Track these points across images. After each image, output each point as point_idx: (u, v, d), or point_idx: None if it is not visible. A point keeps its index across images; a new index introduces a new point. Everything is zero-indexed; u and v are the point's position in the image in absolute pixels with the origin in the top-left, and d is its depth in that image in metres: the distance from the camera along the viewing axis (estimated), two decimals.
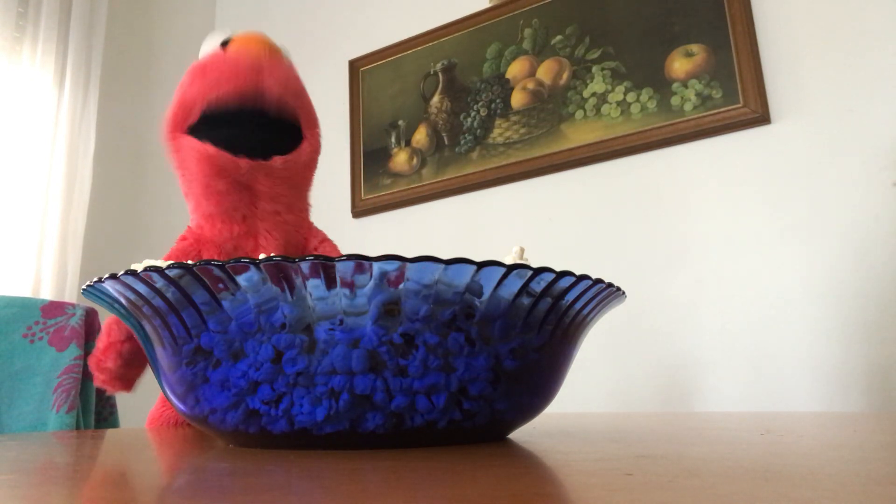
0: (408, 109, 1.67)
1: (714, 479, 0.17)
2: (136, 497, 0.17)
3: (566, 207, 1.40)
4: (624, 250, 1.32)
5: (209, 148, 0.56)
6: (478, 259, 0.26)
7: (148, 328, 0.29)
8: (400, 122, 1.67)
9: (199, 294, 0.26)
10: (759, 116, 1.20)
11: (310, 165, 0.64)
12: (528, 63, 1.50)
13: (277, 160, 0.58)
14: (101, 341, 0.52)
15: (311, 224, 0.66)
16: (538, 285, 0.27)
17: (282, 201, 0.61)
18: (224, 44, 0.60)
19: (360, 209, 1.68)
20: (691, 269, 1.24)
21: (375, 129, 1.71)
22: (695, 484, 0.16)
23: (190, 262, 0.26)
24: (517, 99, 1.49)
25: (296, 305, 0.26)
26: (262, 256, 0.25)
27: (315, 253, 0.60)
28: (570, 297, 0.29)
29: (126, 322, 0.31)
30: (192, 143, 0.57)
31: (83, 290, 0.31)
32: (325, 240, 0.65)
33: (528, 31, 1.52)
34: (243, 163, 0.56)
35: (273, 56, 0.59)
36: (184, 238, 0.58)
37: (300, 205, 0.64)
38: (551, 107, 1.44)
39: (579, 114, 1.40)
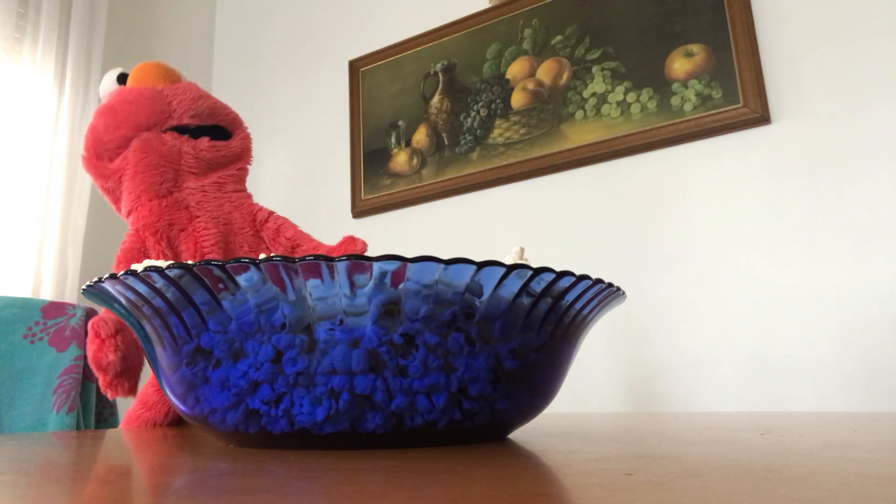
0: (408, 109, 1.67)
1: (714, 479, 0.17)
2: (136, 497, 0.17)
3: (566, 207, 1.40)
4: (624, 250, 1.32)
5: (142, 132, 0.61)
6: (478, 259, 0.26)
7: (148, 328, 0.29)
8: (400, 123, 1.67)
9: (199, 294, 0.26)
10: (759, 116, 1.20)
11: (242, 157, 0.68)
12: (528, 63, 1.50)
13: (204, 141, 0.63)
14: (92, 343, 0.53)
15: (255, 203, 0.69)
16: (538, 285, 0.27)
17: (209, 180, 0.64)
18: (120, 79, 0.65)
19: (360, 209, 1.68)
20: (691, 269, 1.24)
21: (375, 130, 1.71)
22: (695, 484, 0.16)
23: (190, 262, 0.26)
24: (517, 99, 1.49)
25: (296, 305, 0.26)
26: (262, 256, 0.25)
27: (268, 223, 0.63)
28: (570, 297, 0.29)
29: (126, 322, 0.31)
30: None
31: (83, 290, 0.31)
32: (272, 213, 0.68)
33: (528, 32, 1.52)
34: (169, 135, 0.62)
35: (174, 82, 0.64)
36: (124, 242, 0.61)
37: (233, 187, 0.67)
38: (551, 107, 1.44)
39: (579, 114, 1.40)
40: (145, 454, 0.30)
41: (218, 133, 0.67)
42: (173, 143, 0.62)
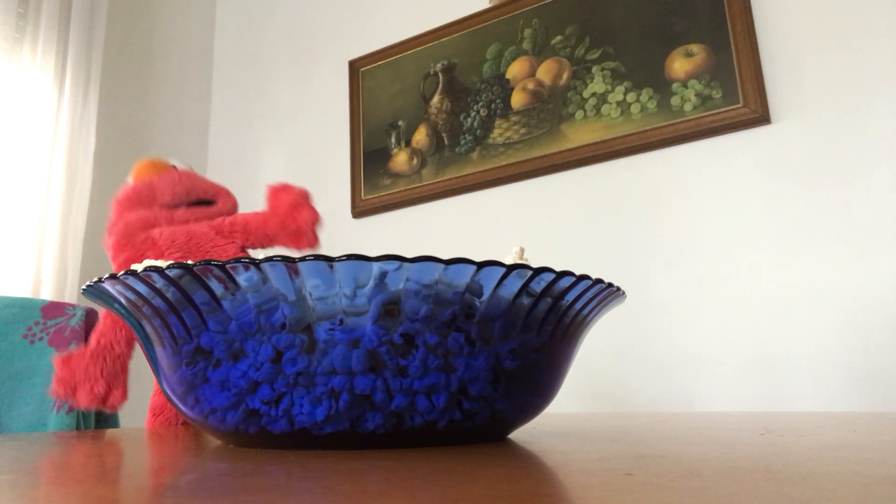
0: (408, 109, 1.67)
1: (714, 479, 0.17)
2: (136, 497, 0.17)
3: (566, 207, 1.40)
4: (624, 250, 1.32)
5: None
6: (478, 259, 0.26)
7: (148, 328, 0.29)
8: (400, 123, 1.67)
9: (199, 294, 0.26)
10: (759, 116, 1.20)
11: (222, 213, 0.74)
12: (528, 63, 1.50)
13: (181, 209, 0.70)
14: (75, 379, 0.58)
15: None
16: (538, 285, 0.27)
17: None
18: None
19: (360, 209, 1.68)
20: (691, 269, 1.24)
21: (375, 130, 1.71)
22: (695, 484, 0.16)
23: (190, 262, 0.26)
24: (517, 99, 1.49)
25: (296, 305, 0.26)
26: (262, 256, 0.25)
27: (225, 223, 0.68)
28: (570, 297, 0.29)
29: (127, 322, 0.31)
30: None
31: (83, 290, 0.31)
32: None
33: (528, 32, 1.52)
34: (155, 210, 0.69)
35: (161, 172, 0.71)
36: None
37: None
38: (551, 107, 1.44)
39: (579, 114, 1.40)
40: (145, 454, 0.30)
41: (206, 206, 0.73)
42: (147, 213, 0.69)
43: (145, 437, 0.41)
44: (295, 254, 0.28)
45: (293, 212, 0.67)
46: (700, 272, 1.23)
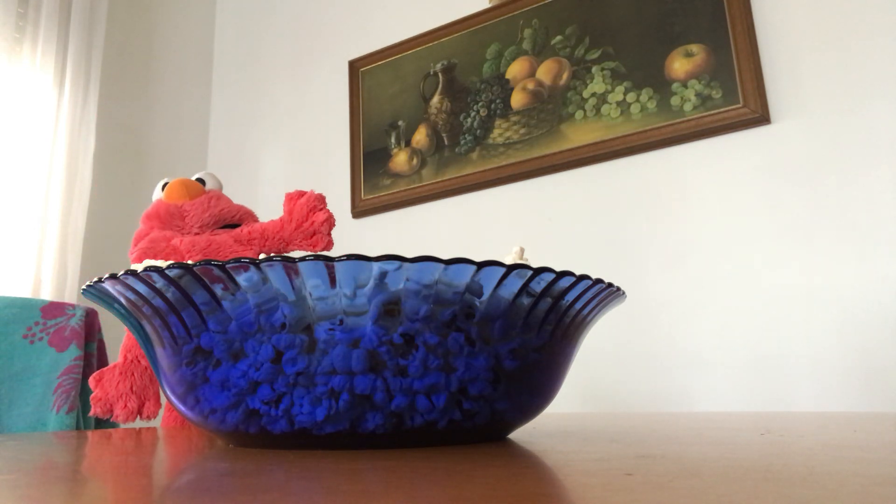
0: (408, 110, 1.67)
1: (714, 479, 0.17)
2: (136, 497, 0.17)
3: (566, 207, 1.40)
4: (624, 250, 1.31)
5: None
6: (478, 259, 0.26)
7: (148, 328, 0.29)
8: (400, 123, 1.67)
9: (199, 294, 0.26)
10: (759, 116, 1.20)
11: (252, 234, 0.74)
12: (528, 63, 1.50)
13: (203, 235, 0.70)
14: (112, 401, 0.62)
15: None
16: (538, 285, 0.27)
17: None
18: (164, 186, 0.74)
19: (360, 209, 1.68)
20: (691, 269, 1.24)
21: (375, 130, 1.71)
22: (695, 484, 0.16)
23: (189, 261, 0.26)
24: (517, 99, 1.49)
25: (296, 305, 0.26)
26: (262, 256, 0.25)
27: (243, 231, 0.69)
28: (570, 297, 0.29)
29: (126, 322, 0.31)
30: None
31: (83, 290, 0.31)
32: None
33: (527, 32, 1.52)
34: (176, 236, 0.69)
35: (192, 195, 0.72)
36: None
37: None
38: (551, 107, 1.44)
39: (579, 114, 1.40)
40: (145, 454, 0.30)
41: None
42: (174, 235, 0.69)
43: (145, 438, 0.41)
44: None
45: (309, 214, 0.68)
46: (700, 272, 1.23)
